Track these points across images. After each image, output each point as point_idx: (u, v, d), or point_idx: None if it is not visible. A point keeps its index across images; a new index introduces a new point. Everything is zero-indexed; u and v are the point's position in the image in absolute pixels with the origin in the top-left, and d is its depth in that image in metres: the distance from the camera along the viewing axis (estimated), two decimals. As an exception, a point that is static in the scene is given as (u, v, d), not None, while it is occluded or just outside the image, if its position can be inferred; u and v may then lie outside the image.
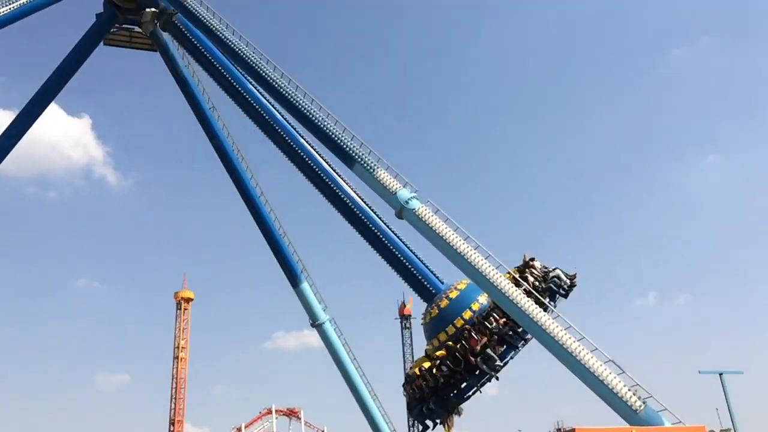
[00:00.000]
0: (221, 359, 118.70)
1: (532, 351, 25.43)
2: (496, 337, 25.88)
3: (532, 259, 28.08)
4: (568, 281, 27.55)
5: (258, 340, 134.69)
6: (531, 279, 26.41)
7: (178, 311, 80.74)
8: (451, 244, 23.85)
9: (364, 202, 31.19)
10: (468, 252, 23.53)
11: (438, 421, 26.63)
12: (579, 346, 21.00)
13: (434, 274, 30.05)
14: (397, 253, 30.02)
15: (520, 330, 25.49)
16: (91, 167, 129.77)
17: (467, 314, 27.11)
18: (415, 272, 29.94)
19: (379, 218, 30.64)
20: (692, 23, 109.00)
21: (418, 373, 27.30)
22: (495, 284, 22.86)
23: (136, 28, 34.97)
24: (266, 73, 29.04)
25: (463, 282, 28.65)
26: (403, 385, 28.37)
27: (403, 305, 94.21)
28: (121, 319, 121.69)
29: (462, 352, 25.80)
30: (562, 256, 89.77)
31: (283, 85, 28.73)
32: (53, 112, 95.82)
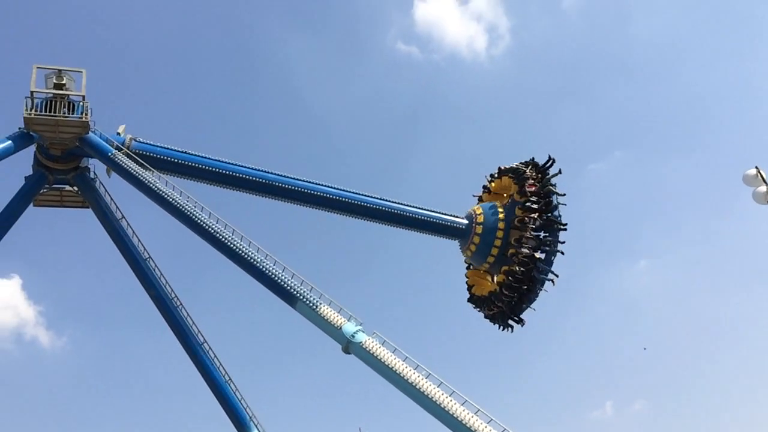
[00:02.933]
0: None
1: None
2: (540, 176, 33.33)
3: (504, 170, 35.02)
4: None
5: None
6: (530, 184, 33.18)
7: (119, 476, 75.01)
8: (401, 375, 23.62)
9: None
10: (419, 382, 23.30)
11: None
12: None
13: (450, 215, 34.77)
14: (416, 216, 34.15)
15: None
16: (22, 329, 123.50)
17: (501, 225, 33.09)
18: (438, 221, 34.28)
19: (383, 199, 34.43)
20: (605, 140, 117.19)
21: (498, 281, 33.36)
22: (450, 412, 22.59)
23: (67, 187, 34.95)
24: (202, 221, 29.27)
25: (477, 208, 34.68)
26: (485, 309, 34.19)
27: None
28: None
29: (537, 211, 32.32)
30: (509, 378, 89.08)
31: (219, 231, 28.97)
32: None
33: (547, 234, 32.49)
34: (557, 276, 32.45)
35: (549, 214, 32.59)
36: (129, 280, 36.45)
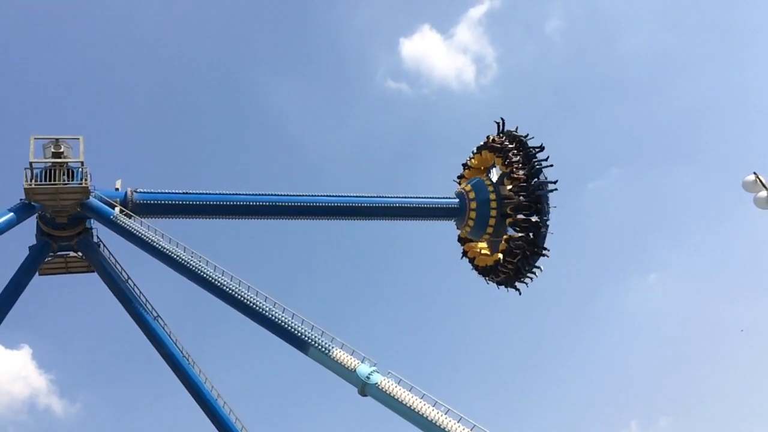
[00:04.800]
0: None
1: None
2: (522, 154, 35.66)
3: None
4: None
5: None
6: (513, 156, 35.72)
7: None
8: (421, 413, 23.28)
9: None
10: (440, 419, 22.95)
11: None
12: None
13: (443, 198, 37.10)
14: (411, 205, 36.34)
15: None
16: (34, 399, 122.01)
17: (492, 195, 35.58)
18: (433, 206, 36.59)
19: (379, 197, 36.94)
20: (601, 158, 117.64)
21: (509, 224, 35.86)
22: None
23: (71, 253, 34.99)
24: (208, 275, 29.28)
25: (465, 185, 37.08)
26: (492, 276, 36.65)
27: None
28: None
29: (526, 186, 34.77)
30: (528, 403, 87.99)
31: (226, 284, 28.97)
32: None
33: (531, 160, 35.26)
34: (556, 182, 35.13)
35: (524, 147, 35.70)
36: (139, 340, 36.34)
